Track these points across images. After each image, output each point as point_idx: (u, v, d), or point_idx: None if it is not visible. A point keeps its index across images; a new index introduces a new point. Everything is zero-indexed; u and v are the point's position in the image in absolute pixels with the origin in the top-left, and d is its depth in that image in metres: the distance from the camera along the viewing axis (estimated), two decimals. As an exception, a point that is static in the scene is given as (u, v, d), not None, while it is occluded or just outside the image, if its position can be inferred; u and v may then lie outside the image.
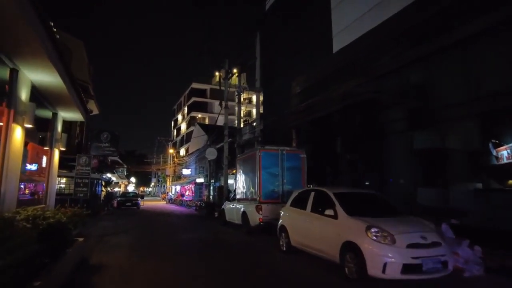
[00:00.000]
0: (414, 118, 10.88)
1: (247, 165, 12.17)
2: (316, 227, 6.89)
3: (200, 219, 19.33)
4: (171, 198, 42.97)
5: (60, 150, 7.60)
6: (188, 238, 10.96)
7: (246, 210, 11.69)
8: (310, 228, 7.09)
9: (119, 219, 18.37)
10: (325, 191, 7.13)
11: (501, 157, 11.43)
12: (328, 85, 13.88)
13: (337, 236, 6.09)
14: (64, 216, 5.30)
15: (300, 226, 7.53)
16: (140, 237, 11.09)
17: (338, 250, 5.98)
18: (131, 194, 32.67)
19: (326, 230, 6.52)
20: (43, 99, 6.53)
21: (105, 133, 19.78)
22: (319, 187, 7.64)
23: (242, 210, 12.04)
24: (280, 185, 11.11)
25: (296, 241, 7.67)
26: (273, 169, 11.15)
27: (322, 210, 6.82)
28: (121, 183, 49.05)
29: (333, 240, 6.20)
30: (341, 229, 6.08)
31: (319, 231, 6.77)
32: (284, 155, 11.30)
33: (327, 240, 6.43)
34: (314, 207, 7.26)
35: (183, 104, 70.45)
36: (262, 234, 11.05)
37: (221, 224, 14.68)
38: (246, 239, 10.61)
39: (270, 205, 10.81)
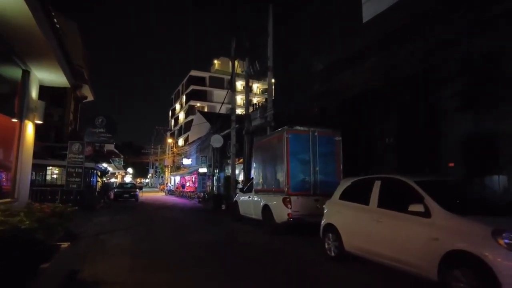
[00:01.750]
0: (475, 96, 9.02)
1: (268, 150, 10.26)
2: (389, 228, 5.03)
3: (207, 213, 17.47)
4: (171, 190, 41.09)
5: (35, 123, 5.61)
6: (201, 239, 9.06)
7: (268, 204, 9.81)
8: (377, 229, 5.23)
9: (117, 213, 16.47)
10: (401, 180, 5.24)
11: None
12: (357, 61, 11.96)
13: (431, 242, 4.26)
14: (33, 217, 3.38)
15: (360, 225, 5.67)
16: (142, 238, 9.20)
17: (436, 262, 4.13)
18: (129, 185, 30.73)
19: (410, 233, 4.67)
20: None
21: (100, 117, 17.72)
22: (389, 174, 5.81)
23: (263, 203, 10.16)
24: (311, 174, 9.23)
25: (353, 245, 5.82)
26: (303, 155, 9.26)
27: (399, 205, 4.97)
28: (117, 174, 47.05)
29: (424, 247, 4.36)
30: (440, 232, 4.22)
31: (396, 233, 4.91)
32: (316, 137, 9.40)
33: (411, 246, 4.58)
34: (383, 201, 5.38)
35: (181, 93, 68.23)
36: (291, 233, 9.23)
37: (235, 220, 12.82)
38: (274, 241, 8.72)
39: (301, 197, 8.96)
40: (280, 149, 9.37)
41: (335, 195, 6.72)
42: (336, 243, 6.23)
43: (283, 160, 9.11)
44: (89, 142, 17.81)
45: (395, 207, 5.07)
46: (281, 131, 9.36)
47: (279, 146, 9.40)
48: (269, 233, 9.58)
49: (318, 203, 9.00)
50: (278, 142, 9.49)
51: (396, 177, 5.44)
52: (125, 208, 20.34)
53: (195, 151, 35.26)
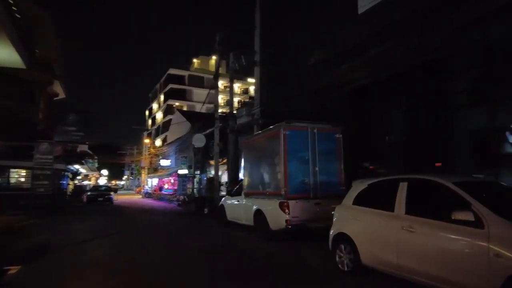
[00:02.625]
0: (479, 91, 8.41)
1: (262, 149, 9.28)
2: (427, 240, 4.16)
3: (189, 218, 16.26)
4: (148, 192, 39.34)
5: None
6: (189, 249, 7.96)
7: (262, 209, 8.82)
8: (409, 240, 4.35)
9: (91, 218, 15.03)
10: (436, 181, 4.39)
11: None
12: (355, 53, 11.22)
13: (490, 260, 3.41)
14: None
15: (383, 236, 4.78)
16: (123, 249, 8.00)
17: (498, 286, 3.30)
18: (103, 188, 28.93)
19: (458, 247, 3.82)
20: None
21: (72, 115, 16.28)
22: (418, 174, 4.96)
23: (255, 208, 9.16)
24: (311, 175, 8.31)
25: (374, 259, 4.93)
26: (302, 153, 8.33)
27: (436, 212, 4.14)
28: (91, 176, 44.75)
29: (480, 265, 3.52)
30: (502, 247, 3.38)
31: (437, 247, 4.04)
32: (316, 134, 8.49)
33: (461, 264, 3.72)
34: (412, 206, 4.51)
35: (159, 92, 66.22)
36: (288, 241, 8.29)
37: (223, 225, 11.73)
38: (273, 250, 7.69)
39: (300, 201, 8.03)
40: (276, 147, 8.41)
41: (347, 200, 5.81)
42: (351, 256, 5.32)
43: (279, 160, 8.16)
44: (60, 142, 16.27)
45: (430, 214, 4.21)
46: (278, 127, 8.40)
47: (275, 144, 8.44)
48: (265, 240, 8.60)
49: (319, 207, 8.15)
50: (274, 139, 8.52)
51: (428, 178, 4.58)
52: (100, 212, 18.80)
53: (174, 152, 33.83)
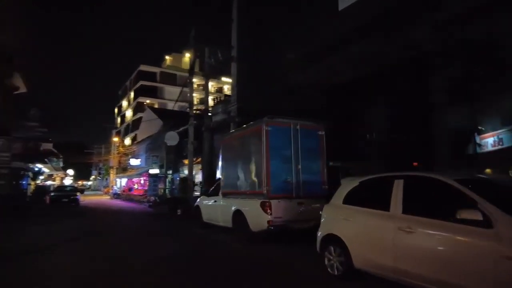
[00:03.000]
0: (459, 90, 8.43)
1: (241, 146, 8.81)
2: (429, 241, 3.88)
3: (162, 220, 15.51)
4: (117, 193, 37.74)
5: None
6: (165, 256, 7.35)
7: (241, 209, 8.35)
8: (407, 241, 4.06)
9: (54, 221, 13.91)
10: (436, 179, 4.12)
11: (485, 145, 10.05)
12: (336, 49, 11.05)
13: (501, 262, 3.16)
14: None
15: (378, 237, 4.47)
16: (87, 257, 7.26)
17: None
18: (68, 188, 27.27)
19: (464, 249, 3.55)
20: None
21: (34, 109, 15.00)
22: (415, 172, 4.69)
23: (234, 209, 8.67)
24: (293, 174, 7.94)
25: (368, 262, 4.61)
26: (285, 151, 7.95)
27: (437, 212, 3.88)
28: (55, 176, 42.38)
29: (483, 266, 3.28)
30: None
31: (441, 248, 3.76)
32: (298, 131, 8.14)
33: (467, 267, 3.45)
34: (410, 205, 4.22)
35: (129, 89, 64.06)
36: (269, 243, 7.90)
37: (198, 227, 11.16)
38: (255, 254, 7.23)
39: (282, 201, 7.65)
40: (257, 145, 7.98)
41: (336, 199, 5.48)
42: (342, 259, 4.98)
43: (261, 157, 7.73)
44: (19, 138, 15.02)
45: (431, 213, 3.93)
46: (259, 123, 7.96)
47: (256, 141, 8.01)
48: (245, 243, 8.16)
49: (302, 206, 7.82)
50: (255, 136, 8.09)
51: (428, 176, 4.32)
52: (65, 214, 17.54)
53: (145, 151, 32.64)
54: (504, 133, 9.43)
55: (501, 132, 9.48)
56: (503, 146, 9.45)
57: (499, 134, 9.58)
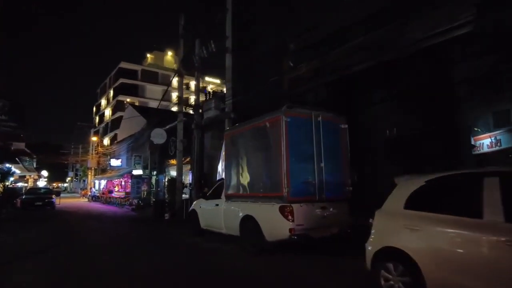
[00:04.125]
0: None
1: (252, 140, 7.55)
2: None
3: (148, 225, 14.02)
4: (95, 195, 35.57)
5: None
6: (158, 272, 6.04)
7: (252, 215, 7.10)
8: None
9: (24, 228, 12.23)
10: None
11: (480, 146, 9.58)
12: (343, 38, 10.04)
13: None
14: None
15: (467, 254, 3.37)
16: (63, 274, 5.85)
17: None
18: (43, 190, 25.16)
19: None
20: None
21: (1, 101, 13.19)
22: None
23: (243, 214, 7.41)
24: (315, 173, 6.79)
25: (451, 286, 3.50)
26: (306, 146, 6.79)
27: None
28: (28, 177, 39.64)
29: None
30: None
31: None
32: (320, 123, 7.01)
33: None
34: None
35: (108, 87, 61.48)
36: (283, 254, 6.73)
37: (192, 235, 9.85)
38: (273, 271, 6.00)
39: (305, 205, 6.48)
40: (273, 138, 6.78)
41: (392, 203, 4.35)
42: (407, 279, 3.86)
43: (278, 154, 6.53)
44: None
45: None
46: (276, 113, 6.75)
47: (272, 134, 6.81)
48: (254, 254, 6.95)
49: (325, 211, 6.69)
50: (271, 128, 6.88)
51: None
52: (38, 219, 15.76)
53: (126, 151, 30.76)
54: (502, 134, 8.96)
55: (499, 133, 9.01)
56: (501, 147, 8.93)
57: (496, 135, 9.13)
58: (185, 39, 17.74)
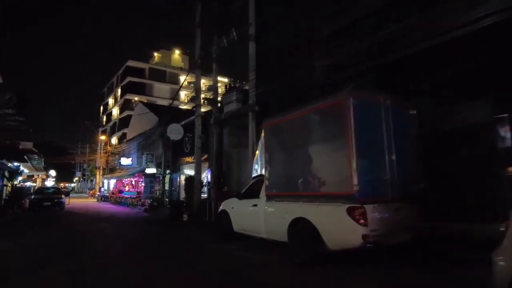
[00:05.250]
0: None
1: (306, 129, 6.30)
2: None
3: (167, 228, 12.88)
4: (104, 195, 34.64)
5: None
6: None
7: (310, 218, 5.87)
8: None
9: (28, 232, 11.09)
10: None
11: None
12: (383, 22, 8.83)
13: None
14: None
15: None
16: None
17: None
18: (51, 190, 24.21)
19: None
20: None
21: (8, 93, 12.20)
22: None
23: (294, 217, 6.20)
24: (387, 167, 5.61)
25: None
26: (375, 136, 5.62)
27: None
28: (36, 177, 38.85)
29: None
30: None
31: None
32: (389, 109, 5.83)
33: None
34: None
35: (115, 85, 60.72)
36: (341, 264, 5.57)
37: (223, 239, 8.75)
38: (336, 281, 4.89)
39: (378, 206, 5.31)
40: (335, 126, 5.60)
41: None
42: None
43: (344, 144, 5.34)
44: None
45: None
46: (340, 96, 5.57)
47: (334, 121, 5.62)
48: (303, 265, 5.81)
49: (400, 213, 5.50)
50: (332, 114, 5.70)
51: None
52: (44, 221, 14.70)
53: (137, 149, 29.75)
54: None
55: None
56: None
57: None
58: (202, 28, 16.64)
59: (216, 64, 16.27)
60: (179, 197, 19.72)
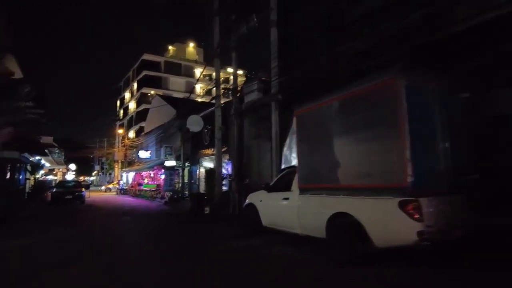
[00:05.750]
0: None
1: (344, 116, 5.76)
2: None
3: (190, 222, 12.59)
4: (123, 188, 34.85)
5: None
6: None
7: (354, 213, 5.32)
8: None
9: (50, 227, 10.86)
10: None
11: None
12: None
13: None
14: None
15: None
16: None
17: None
18: (72, 183, 24.39)
19: None
20: None
21: (26, 86, 12.01)
22: None
23: (334, 212, 5.68)
24: (441, 156, 5.03)
25: None
26: (429, 121, 5.03)
27: None
28: (57, 171, 39.45)
29: None
30: None
31: None
32: (442, 90, 5.21)
33: None
34: None
35: (131, 79, 60.94)
36: (374, 264, 5.05)
37: (250, 233, 8.36)
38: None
39: (433, 199, 4.74)
40: (383, 110, 5.02)
41: None
42: None
43: (396, 130, 4.78)
44: (10, 121, 11.99)
45: None
46: (388, 76, 4.98)
47: (382, 104, 5.05)
48: (348, 262, 5.31)
49: (453, 207, 4.92)
50: (378, 97, 5.11)
51: None
52: (65, 215, 14.60)
53: (155, 142, 29.67)
54: None
55: None
56: None
57: None
58: (221, 16, 16.10)
59: (235, 53, 15.76)
60: (199, 190, 19.46)
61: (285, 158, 8.09)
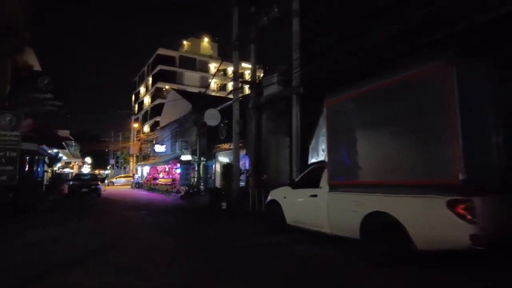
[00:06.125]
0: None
1: (384, 106, 5.27)
2: None
3: (208, 217, 12.29)
4: (138, 182, 34.97)
5: None
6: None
7: (394, 213, 4.88)
8: None
9: (67, 220, 10.73)
10: None
11: None
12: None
13: None
14: None
15: None
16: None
17: None
18: (88, 176, 24.51)
19: None
20: None
21: (45, 77, 11.90)
22: None
23: (370, 211, 5.25)
24: (495, 151, 4.56)
25: None
26: (481, 112, 4.56)
27: None
28: (73, 164, 39.87)
29: None
30: None
31: None
32: (495, 79, 4.73)
33: None
34: None
35: (146, 74, 61.24)
36: (409, 267, 4.62)
37: (272, 231, 8.01)
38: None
39: (487, 198, 4.28)
40: (430, 100, 4.57)
41: None
42: None
43: (445, 122, 4.33)
44: (29, 113, 11.90)
45: None
46: (438, 63, 4.51)
47: (429, 94, 4.59)
48: (386, 265, 4.90)
49: (510, 207, 4.44)
50: (426, 85, 4.65)
51: None
52: (81, 208, 14.55)
53: (170, 136, 29.60)
54: None
55: None
56: None
57: None
58: (240, 7, 15.69)
59: (255, 45, 15.36)
60: (214, 185, 19.23)
61: (311, 153, 7.67)
